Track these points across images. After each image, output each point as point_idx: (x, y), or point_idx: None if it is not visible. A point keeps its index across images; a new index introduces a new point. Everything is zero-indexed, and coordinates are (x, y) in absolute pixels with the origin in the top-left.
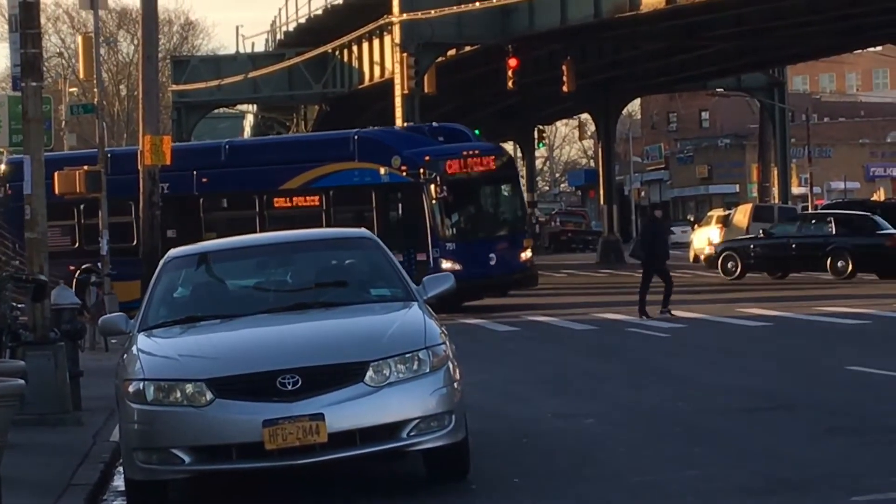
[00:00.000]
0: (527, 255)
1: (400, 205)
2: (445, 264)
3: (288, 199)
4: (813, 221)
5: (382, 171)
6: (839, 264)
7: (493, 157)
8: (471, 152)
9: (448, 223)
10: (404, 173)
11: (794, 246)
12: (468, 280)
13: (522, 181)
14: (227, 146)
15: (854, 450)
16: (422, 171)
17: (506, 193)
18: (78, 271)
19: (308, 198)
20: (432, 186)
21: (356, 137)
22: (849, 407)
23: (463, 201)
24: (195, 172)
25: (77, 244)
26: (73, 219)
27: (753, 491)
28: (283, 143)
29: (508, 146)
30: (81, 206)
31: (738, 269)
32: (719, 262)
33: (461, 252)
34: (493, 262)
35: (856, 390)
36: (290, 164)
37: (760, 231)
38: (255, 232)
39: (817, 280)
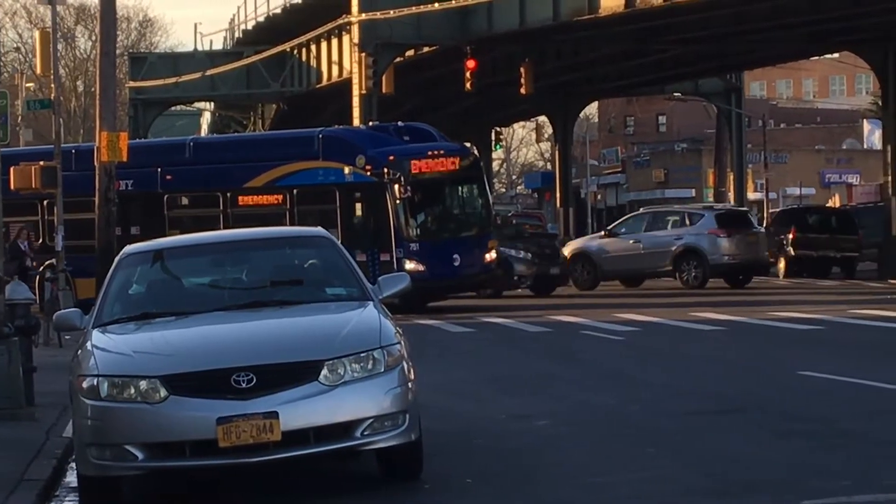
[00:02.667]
0: (492, 255)
1: (364, 204)
2: (409, 265)
3: (252, 197)
4: None
5: (347, 170)
6: None
7: (458, 158)
8: (436, 152)
9: (412, 223)
10: (368, 173)
11: None
12: (432, 281)
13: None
14: (191, 143)
15: (805, 454)
16: (386, 170)
17: (471, 194)
18: (41, 267)
19: (272, 196)
20: (396, 186)
21: (321, 136)
22: (801, 411)
23: (427, 201)
24: (159, 169)
25: (40, 241)
26: (37, 215)
27: (705, 493)
28: (247, 141)
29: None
30: (45, 203)
31: None
32: None
33: (425, 252)
34: (457, 263)
35: (808, 395)
36: (255, 162)
37: None
38: (218, 230)
39: (773, 285)
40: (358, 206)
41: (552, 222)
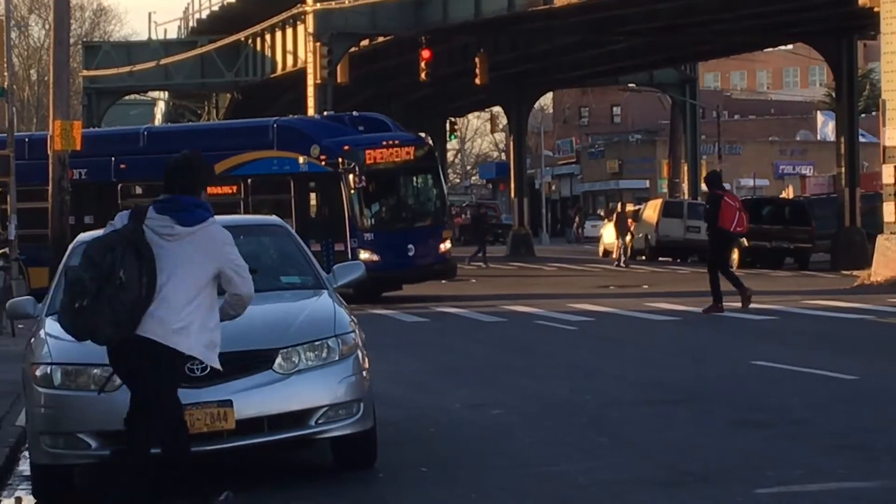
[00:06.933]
0: (446, 246)
1: (319, 194)
2: (364, 254)
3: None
4: None
5: (301, 159)
6: None
7: (413, 147)
8: (390, 142)
9: (367, 213)
10: (323, 162)
11: None
12: (386, 271)
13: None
14: (145, 132)
15: (759, 443)
16: (341, 160)
17: (426, 184)
18: None
19: (227, 186)
20: (351, 176)
21: (275, 126)
22: (754, 401)
23: (382, 191)
24: (113, 158)
25: None
26: None
27: (658, 482)
28: (201, 131)
29: None
30: None
31: None
32: None
33: (380, 242)
34: (411, 253)
35: (761, 384)
36: (209, 152)
37: None
38: None
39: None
40: (313, 195)
41: (506, 213)
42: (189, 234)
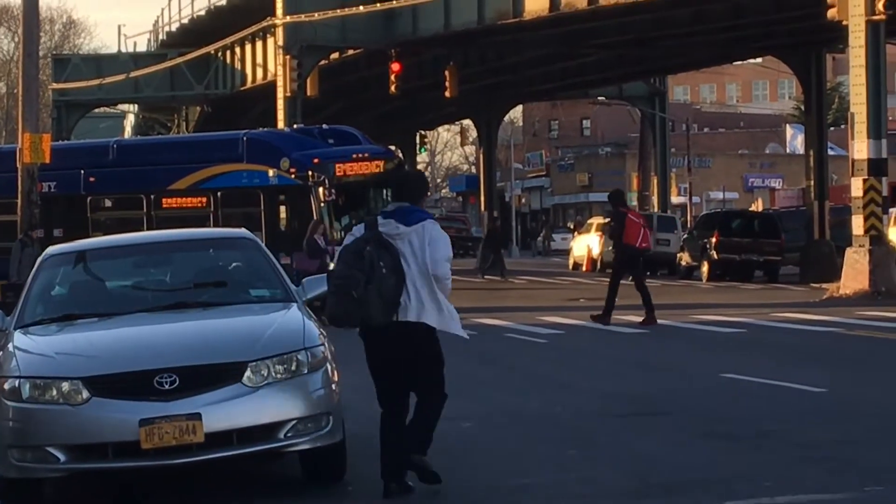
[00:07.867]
0: None
1: (288, 207)
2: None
3: (176, 199)
4: None
5: (271, 172)
6: None
7: (382, 161)
8: (360, 155)
9: (337, 226)
10: (293, 175)
11: None
12: None
13: None
14: (115, 145)
15: (728, 455)
16: (310, 173)
17: None
18: None
19: (196, 199)
20: (321, 189)
21: (245, 139)
22: (723, 413)
23: (352, 204)
24: (82, 171)
25: None
26: None
27: (628, 494)
28: (171, 144)
29: None
30: None
31: None
32: None
33: None
34: None
35: (730, 397)
36: (179, 165)
37: None
38: (142, 232)
39: (696, 289)
40: (282, 208)
41: (476, 226)
42: (411, 231)
